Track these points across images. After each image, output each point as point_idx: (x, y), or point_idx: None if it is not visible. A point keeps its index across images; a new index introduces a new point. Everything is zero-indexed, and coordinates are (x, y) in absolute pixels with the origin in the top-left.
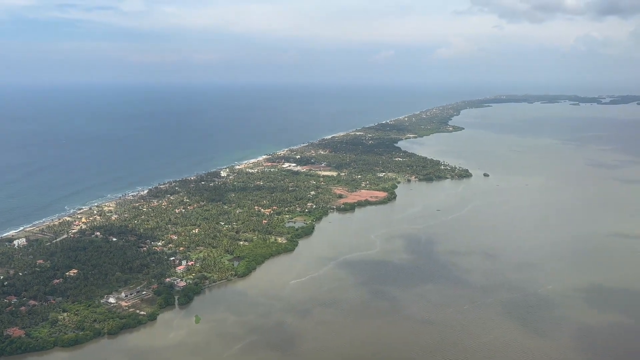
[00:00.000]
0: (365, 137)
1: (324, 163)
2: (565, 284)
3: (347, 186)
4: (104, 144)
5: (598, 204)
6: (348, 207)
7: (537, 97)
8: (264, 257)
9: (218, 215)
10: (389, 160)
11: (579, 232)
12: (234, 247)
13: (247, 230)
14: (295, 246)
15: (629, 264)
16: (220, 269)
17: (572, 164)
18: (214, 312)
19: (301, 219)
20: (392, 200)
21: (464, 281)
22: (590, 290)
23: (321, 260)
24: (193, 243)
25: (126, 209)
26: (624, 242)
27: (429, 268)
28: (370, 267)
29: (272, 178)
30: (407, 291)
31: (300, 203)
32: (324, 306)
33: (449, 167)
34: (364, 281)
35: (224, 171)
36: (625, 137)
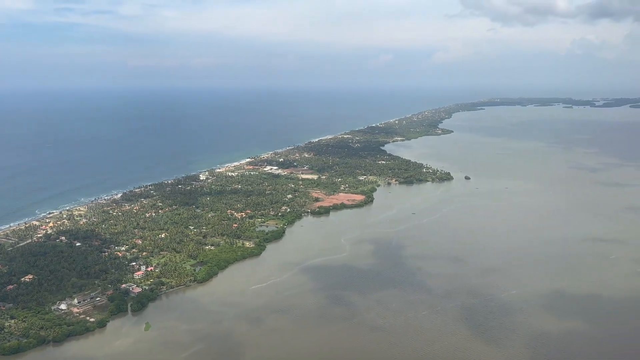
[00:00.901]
0: (353, 140)
1: (307, 166)
2: (528, 289)
3: (326, 189)
4: (91, 147)
5: (575, 207)
6: (323, 211)
7: (531, 100)
8: (227, 262)
9: (188, 219)
10: (372, 163)
11: (551, 236)
12: (199, 252)
13: (215, 235)
14: (262, 250)
15: (597, 269)
16: (180, 275)
17: (554, 167)
18: (165, 320)
19: (273, 223)
20: (369, 203)
21: (426, 286)
22: (552, 296)
23: (286, 265)
24: (157, 248)
25: (96, 213)
26: (596, 247)
27: (393, 273)
28: (334, 272)
29: (251, 181)
30: (366, 297)
31: (274, 207)
32: (278, 313)
33: (431, 170)
34: (325, 286)
35: (204, 174)
36: (612, 139)
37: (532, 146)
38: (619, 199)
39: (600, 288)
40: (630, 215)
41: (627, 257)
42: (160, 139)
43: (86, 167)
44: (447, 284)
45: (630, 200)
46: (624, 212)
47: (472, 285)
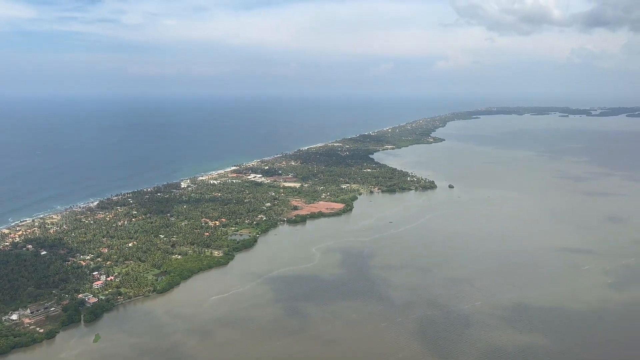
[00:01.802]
0: (343, 148)
1: (291, 174)
2: (491, 300)
3: (307, 198)
4: (78, 154)
5: (554, 217)
6: (299, 219)
7: (528, 109)
8: (192, 271)
9: (160, 227)
10: (357, 171)
11: (525, 246)
12: (164, 262)
13: (184, 244)
14: (230, 260)
15: (566, 280)
16: (140, 285)
17: (540, 176)
18: (116, 331)
19: (247, 232)
20: (348, 212)
21: (388, 297)
22: (515, 308)
23: (251, 275)
24: (122, 257)
25: (68, 221)
26: (569, 257)
27: (358, 283)
28: (298, 283)
29: (232, 189)
30: (325, 308)
31: (250, 215)
32: (231, 325)
33: (415, 178)
34: (285, 297)
35: (185, 182)
36: (603, 148)
37: (521, 155)
38: (600, 209)
39: (566, 300)
40: (608, 225)
41: (598, 268)
42: (149, 146)
43: (70, 175)
44: (409, 295)
45: (610, 210)
46: (602, 222)
47: (436, 296)
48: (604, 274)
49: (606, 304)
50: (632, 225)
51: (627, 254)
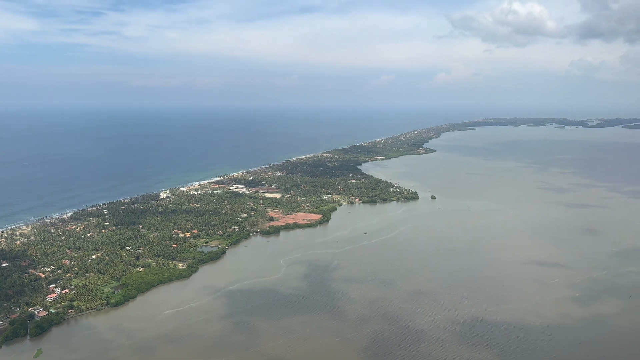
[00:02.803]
0: (332, 159)
1: (274, 185)
2: (451, 315)
3: (285, 208)
4: (66, 165)
5: (530, 229)
6: (273, 231)
7: (524, 120)
8: (151, 284)
9: (128, 239)
10: (342, 182)
11: (495, 259)
12: (125, 274)
13: (150, 256)
14: (193, 272)
15: (531, 294)
16: (93, 298)
17: (523, 187)
18: (59, 347)
19: (217, 243)
20: (325, 223)
21: (344, 312)
22: (473, 323)
23: (211, 288)
24: (83, 269)
25: (37, 232)
26: (537, 270)
27: (316, 297)
28: (256, 296)
29: (210, 200)
30: (277, 323)
31: (224, 226)
32: (176, 342)
33: (398, 189)
34: (239, 312)
35: (165, 193)
36: (592, 159)
37: (509, 166)
38: (578, 221)
39: (527, 315)
40: (583, 238)
41: (567, 281)
42: (139, 157)
43: (52, 186)
44: (368, 309)
45: (588, 223)
46: (578, 234)
47: (394, 310)
48: (571, 287)
49: (566, 319)
50: (607, 238)
51: (598, 267)
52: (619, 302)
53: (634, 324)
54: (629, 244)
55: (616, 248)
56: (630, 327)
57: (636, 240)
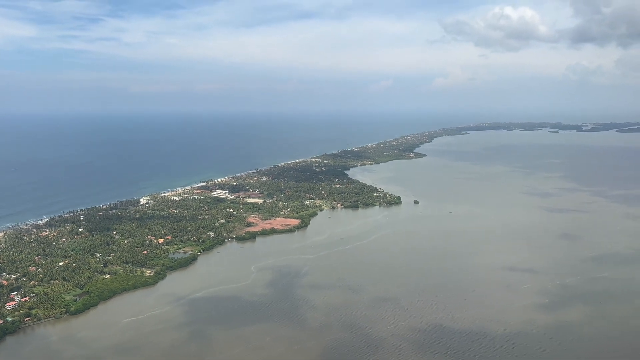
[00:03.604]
0: (320, 164)
1: (258, 190)
2: (413, 322)
3: (265, 214)
4: (54, 171)
5: (509, 234)
6: (248, 236)
7: (519, 125)
8: (114, 292)
9: (100, 245)
10: (326, 187)
11: (468, 265)
12: (91, 281)
13: (118, 263)
14: (160, 279)
15: (499, 300)
16: (53, 306)
17: (507, 191)
18: (9, 357)
19: (189, 249)
20: (303, 228)
21: (305, 319)
22: (436, 330)
23: (175, 296)
24: (48, 276)
25: (9, 239)
26: (509, 276)
27: (280, 304)
28: (219, 304)
29: (190, 206)
30: (235, 332)
31: (199, 232)
32: (128, 352)
33: (382, 194)
34: (199, 320)
35: (145, 199)
36: (581, 164)
37: (497, 170)
38: (556, 225)
39: (492, 321)
40: (560, 243)
41: (537, 287)
42: (127, 163)
43: (34, 192)
44: (330, 316)
45: (566, 227)
46: (555, 239)
47: (357, 317)
48: (541, 293)
49: (529, 326)
50: (583, 243)
51: (571, 272)
52: (587, 309)
53: (598, 331)
54: (605, 249)
55: (592, 253)
56: (594, 335)
57: (613, 245)
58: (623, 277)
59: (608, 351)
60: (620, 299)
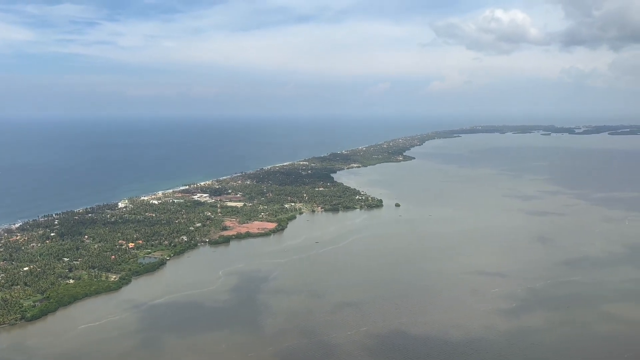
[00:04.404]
0: (307, 167)
1: (240, 193)
2: (374, 328)
3: (243, 217)
4: (39, 174)
5: (484, 237)
6: (222, 240)
7: (512, 128)
8: (75, 297)
9: (69, 250)
10: (309, 190)
11: (437, 269)
12: (54, 286)
13: (85, 267)
14: (124, 285)
15: (463, 305)
16: (9, 312)
17: (490, 194)
18: None
19: (159, 254)
20: (280, 231)
21: (262, 326)
22: (393, 337)
23: (136, 301)
24: (9, 282)
25: None
26: (477, 280)
27: (241, 310)
28: (179, 310)
29: (168, 209)
30: (190, 339)
31: (172, 236)
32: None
33: (364, 197)
34: (155, 327)
35: (123, 202)
36: (568, 166)
37: (483, 173)
38: (533, 228)
39: (455, 327)
40: (534, 246)
41: (506, 291)
42: (114, 166)
43: (13, 196)
44: (288, 323)
45: (543, 231)
46: (530, 242)
47: (316, 323)
48: (509, 298)
49: (491, 331)
50: (557, 247)
51: (542, 276)
52: (552, 314)
53: (559, 337)
54: (579, 253)
55: (565, 256)
56: (554, 341)
57: (588, 249)
58: (593, 281)
59: (566, 358)
60: (587, 304)
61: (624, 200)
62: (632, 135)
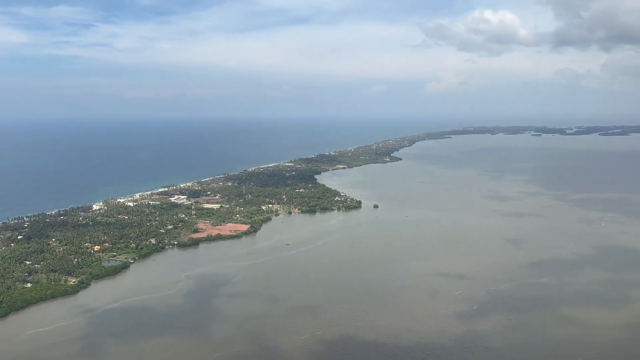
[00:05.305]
0: (292, 168)
1: (218, 195)
2: (325, 333)
3: (217, 219)
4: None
5: (455, 238)
6: (191, 243)
7: (503, 129)
8: (29, 302)
9: (32, 253)
10: (290, 192)
11: (405, 270)
12: (9, 290)
13: (46, 271)
14: (82, 288)
15: (422, 309)
16: None
17: (469, 195)
18: None
19: (124, 257)
20: (252, 233)
21: (211, 332)
22: (343, 341)
23: (90, 306)
24: None
25: None
26: (442, 282)
27: (192, 315)
28: (131, 315)
29: (142, 212)
30: (134, 346)
31: (140, 239)
32: None
33: (343, 198)
34: (101, 332)
35: (98, 204)
36: (552, 167)
37: (466, 174)
38: (507, 230)
39: (409, 331)
40: (505, 247)
41: (469, 294)
42: (99, 169)
43: None
44: (239, 328)
45: (516, 232)
46: (501, 244)
47: (268, 328)
48: (471, 301)
49: (445, 335)
50: (528, 249)
51: (507, 279)
52: (510, 317)
53: (514, 342)
54: (549, 254)
55: (534, 258)
56: (508, 345)
57: (559, 250)
58: (558, 284)
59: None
60: (547, 307)
61: (604, 201)
62: (622, 136)
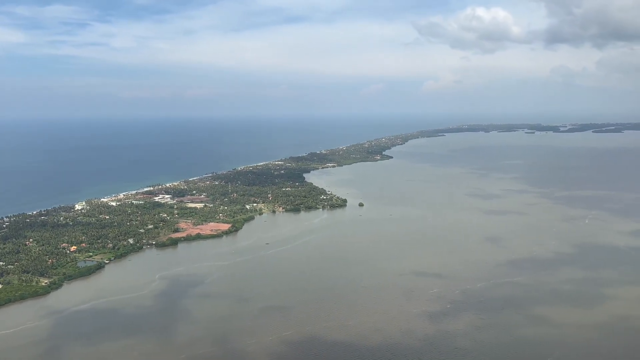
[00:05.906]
0: (281, 167)
1: (204, 194)
2: (293, 334)
3: (200, 218)
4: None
5: (435, 236)
6: (170, 243)
7: (497, 127)
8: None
9: (8, 254)
10: (275, 190)
11: (381, 269)
12: None
13: (18, 272)
14: (54, 289)
15: (393, 308)
16: None
17: (454, 193)
18: None
19: (100, 257)
20: (233, 233)
21: (177, 333)
22: (310, 342)
23: (59, 307)
24: None
25: None
26: (416, 281)
27: (160, 317)
28: (99, 317)
29: (123, 211)
30: (97, 348)
31: (118, 239)
32: None
33: (328, 197)
34: (65, 335)
35: (80, 204)
36: (541, 165)
37: (454, 172)
38: (488, 228)
39: (378, 331)
40: (483, 246)
41: (444, 293)
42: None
43: None
44: (205, 330)
45: (497, 231)
46: (481, 243)
47: (235, 329)
48: (444, 300)
49: (413, 335)
50: (507, 247)
51: (483, 277)
52: (483, 316)
53: (484, 342)
54: (528, 253)
55: (513, 257)
56: (477, 345)
57: (538, 249)
58: (533, 283)
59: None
60: (520, 306)
61: (589, 199)
62: (616, 133)
